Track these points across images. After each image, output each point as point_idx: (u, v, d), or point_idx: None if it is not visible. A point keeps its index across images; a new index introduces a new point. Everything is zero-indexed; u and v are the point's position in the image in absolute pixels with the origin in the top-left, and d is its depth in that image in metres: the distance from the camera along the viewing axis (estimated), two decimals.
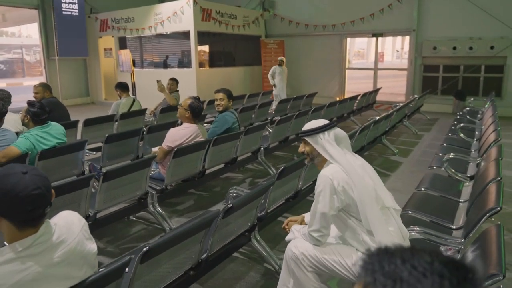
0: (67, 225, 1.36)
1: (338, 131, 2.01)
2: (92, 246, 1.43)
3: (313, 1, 11.69)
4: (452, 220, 2.72)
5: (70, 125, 4.61)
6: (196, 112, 3.56)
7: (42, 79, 11.87)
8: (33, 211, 1.23)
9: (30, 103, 3.27)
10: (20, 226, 1.24)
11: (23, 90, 13.13)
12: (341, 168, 1.90)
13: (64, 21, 11.07)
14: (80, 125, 4.95)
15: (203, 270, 2.30)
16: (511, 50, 9.27)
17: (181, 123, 4.39)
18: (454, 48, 9.78)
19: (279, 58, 9.79)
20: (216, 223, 2.08)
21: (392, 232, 1.85)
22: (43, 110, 3.30)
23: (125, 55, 8.59)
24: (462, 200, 3.08)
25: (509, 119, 8.34)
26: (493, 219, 2.10)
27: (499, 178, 2.47)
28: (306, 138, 2.02)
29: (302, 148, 2.08)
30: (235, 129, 4.07)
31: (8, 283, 1.18)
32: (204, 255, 2.17)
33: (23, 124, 3.43)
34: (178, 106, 3.69)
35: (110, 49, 11.89)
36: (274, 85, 9.58)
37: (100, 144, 5.07)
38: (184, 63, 10.69)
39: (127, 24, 11.11)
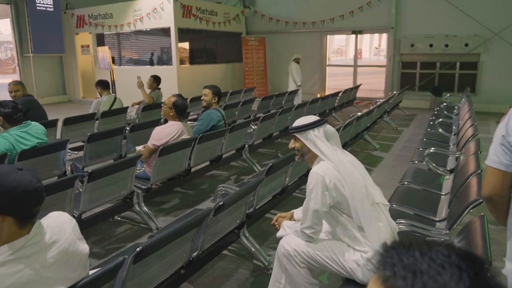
0: (59, 225, 1.34)
1: (328, 127, 2.03)
2: (84, 246, 1.41)
3: None
4: (435, 213, 2.80)
5: (49, 124, 4.47)
6: (181, 110, 3.53)
7: (16, 77, 11.50)
8: (38, 205, 1.24)
9: (1, 104, 3.16)
10: (23, 223, 1.22)
11: None
12: (332, 165, 1.92)
13: (38, 17, 10.73)
14: (59, 124, 4.82)
15: (194, 269, 2.29)
16: (484, 47, 9.58)
17: (165, 122, 4.36)
18: (431, 45, 10.03)
19: (295, 55, 9.78)
20: (207, 221, 2.08)
21: (382, 227, 1.89)
22: (15, 109, 3.19)
23: (104, 52, 8.40)
24: (443, 193, 3.18)
25: (483, 114, 8.62)
26: (472, 211, 2.18)
27: (479, 171, 2.56)
28: (297, 135, 2.03)
29: (292, 144, 2.09)
30: (220, 126, 4.06)
31: (2, 286, 1.15)
32: (195, 254, 2.17)
33: None
34: (162, 105, 3.65)
35: (88, 46, 11.61)
36: (300, 85, 9.57)
37: (81, 144, 4.97)
38: (164, 60, 10.56)
39: (105, 20, 10.86)
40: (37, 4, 10.70)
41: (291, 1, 11.79)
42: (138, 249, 1.60)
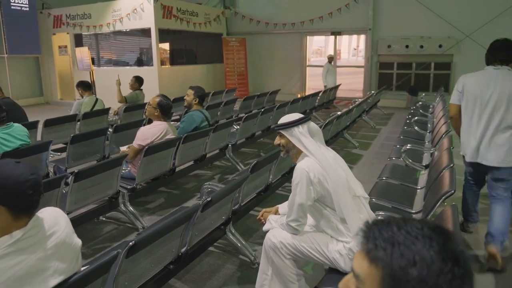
0: (54, 218, 1.39)
1: (312, 124, 2.13)
2: (77, 240, 1.46)
3: (273, 0, 11.88)
4: (411, 205, 2.95)
5: (29, 126, 4.39)
6: (165, 109, 3.58)
7: None
8: (32, 196, 1.27)
9: None
10: (18, 214, 1.26)
11: None
12: (316, 160, 2.02)
13: (13, 17, 10.48)
14: (40, 126, 4.77)
15: (183, 264, 2.35)
16: (457, 48, 9.96)
17: (148, 122, 4.39)
18: (407, 46, 10.35)
19: (328, 55, 10.09)
20: (195, 217, 2.15)
21: (363, 219, 2.00)
22: (1, 109, 3.19)
23: (83, 53, 8.30)
24: (419, 187, 3.34)
25: None
26: (445, 203, 2.32)
27: (451, 165, 2.71)
28: (282, 131, 2.12)
29: (277, 140, 2.18)
30: (204, 127, 4.12)
31: (2, 278, 1.19)
32: (184, 249, 2.23)
33: None
34: (146, 105, 3.68)
35: (65, 47, 11.42)
36: (325, 85, 9.81)
37: (62, 145, 4.93)
38: (145, 61, 10.49)
39: (83, 20, 10.72)
40: (11, 4, 10.45)
41: (271, 3, 11.93)
42: (130, 243, 1.66)
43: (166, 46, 10.87)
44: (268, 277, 2.18)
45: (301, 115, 2.13)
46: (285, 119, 2.12)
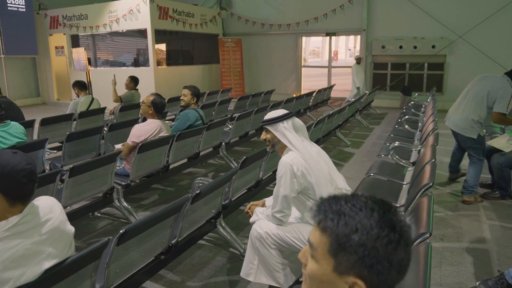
0: (49, 206, 1.48)
1: (296, 120, 2.24)
2: (70, 227, 1.55)
3: (269, 0, 11.99)
4: (396, 200, 3.06)
5: (25, 125, 4.47)
6: (159, 108, 3.67)
7: None
8: (27, 184, 1.36)
9: None
10: (13, 201, 1.35)
11: None
12: (299, 154, 2.12)
13: (9, 18, 10.54)
14: (36, 125, 4.86)
15: (173, 255, 2.45)
16: (450, 49, 10.10)
17: (143, 120, 4.48)
18: (401, 47, 10.48)
19: (356, 55, 10.07)
20: (185, 209, 2.24)
21: None
22: (0, 107, 3.29)
23: (79, 53, 8.38)
24: (405, 183, 3.45)
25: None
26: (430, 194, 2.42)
27: (433, 160, 2.82)
28: (268, 127, 2.22)
29: (264, 135, 2.28)
30: (198, 126, 4.21)
31: (0, 258, 1.28)
32: (174, 240, 2.32)
33: None
34: (140, 104, 3.77)
35: (62, 47, 11.49)
36: (358, 87, 9.71)
37: (58, 144, 5.02)
38: (141, 62, 10.58)
39: (80, 21, 10.79)
40: (8, 4, 10.52)
41: (266, 4, 12.04)
42: (121, 231, 1.75)
43: (162, 46, 10.96)
44: (254, 266, 2.28)
45: (285, 111, 2.23)
46: (271, 115, 2.22)
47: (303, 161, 2.12)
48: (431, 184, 2.32)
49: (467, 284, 2.54)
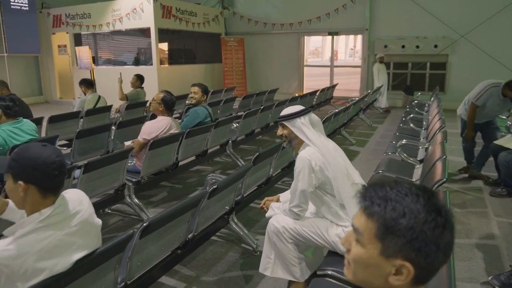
0: (78, 199, 1.50)
1: (313, 116, 2.26)
2: (98, 219, 1.58)
3: (271, 0, 12.01)
4: None
5: (35, 122, 4.53)
6: (169, 105, 3.69)
7: None
8: (58, 176, 1.39)
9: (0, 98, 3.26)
10: (45, 193, 1.38)
11: None
12: (317, 149, 2.15)
13: (12, 16, 10.53)
14: (44, 122, 4.88)
15: (189, 250, 2.47)
16: (452, 48, 10.13)
17: (151, 118, 4.51)
18: (403, 46, 10.51)
19: (379, 55, 9.87)
20: (202, 203, 2.27)
21: None
22: (14, 102, 3.31)
23: (84, 52, 8.40)
24: (414, 180, 3.48)
25: (452, 112, 9.08)
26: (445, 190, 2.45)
27: (444, 157, 2.85)
28: (285, 122, 2.24)
29: (280, 131, 2.29)
30: (207, 123, 4.24)
31: (33, 250, 1.30)
32: (191, 235, 2.35)
33: None
34: (151, 101, 3.80)
35: (65, 46, 11.50)
36: (380, 86, 9.54)
37: (65, 141, 5.05)
38: (144, 61, 10.59)
39: (83, 20, 10.80)
40: (11, 3, 10.51)
41: (269, 3, 12.06)
42: (144, 224, 1.78)
43: (165, 45, 10.98)
44: (271, 261, 2.30)
45: (302, 107, 2.26)
46: (288, 110, 2.25)
47: (321, 156, 2.14)
48: (444, 179, 2.35)
49: (479, 279, 2.58)
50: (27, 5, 10.84)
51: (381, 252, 0.79)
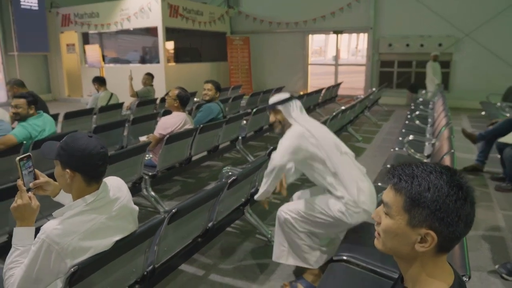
0: (117, 186, 1.63)
1: (299, 101, 2.46)
2: (134, 205, 1.70)
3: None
4: None
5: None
6: (184, 100, 3.82)
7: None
8: (101, 166, 1.50)
9: (23, 95, 3.39)
10: (89, 181, 1.49)
11: None
12: (306, 127, 2.33)
13: (23, 16, 10.70)
14: (60, 118, 5.02)
15: (208, 238, 2.60)
16: (456, 47, 10.21)
17: (163, 114, 4.64)
18: (407, 45, 10.60)
19: (433, 52, 9.59)
20: (223, 193, 2.39)
21: (353, 173, 2.30)
22: (35, 98, 3.46)
23: (93, 50, 8.53)
24: None
25: (455, 110, 9.21)
26: None
27: (452, 151, 2.96)
28: (279, 107, 2.40)
29: (273, 118, 2.45)
30: (219, 119, 4.36)
31: (80, 230, 1.43)
32: (210, 223, 2.47)
33: (17, 117, 3.44)
34: (165, 97, 3.92)
35: (73, 45, 11.64)
36: (438, 84, 9.19)
37: None
38: (150, 59, 10.72)
39: (91, 19, 10.94)
40: (21, 3, 10.67)
41: (274, 2, 12.16)
42: (173, 210, 1.90)
43: (171, 44, 11.11)
44: (285, 249, 2.42)
45: (288, 94, 2.46)
46: (278, 97, 2.43)
47: (308, 132, 2.32)
48: None
49: (486, 268, 2.69)
50: (36, 5, 10.99)
51: (408, 223, 0.91)
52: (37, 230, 1.46)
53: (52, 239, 1.38)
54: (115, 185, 1.61)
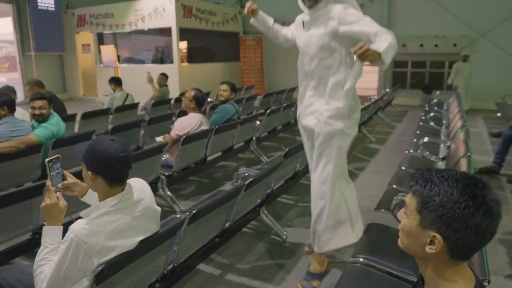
0: (141, 187, 1.68)
1: None
2: (157, 206, 1.75)
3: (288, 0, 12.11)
4: None
5: (69, 118, 4.80)
6: (200, 102, 3.87)
7: (16, 76, 11.70)
8: (121, 170, 1.54)
9: (44, 95, 3.48)
10: (111, 184, 1.54)
11: None
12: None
13: (40, 16, 10.92)
14: (77, 118, 5.12)
15: (225, 238, 2.64)
16: (472, 47, 10.08)
17: (178, 114, 4.70)
18: (421, 45, 10.50)
19: (464, 53, 9.25)
20: (241, 194, 2.43)
21: None
22: (51, 97, 3.56)
23: (108, 50, 8.67)
24: None
25: (470, 111, 9.09)
26: None
27: (468, 154, 2.94)
28: None
29: None
30: (234, 120, 4.40)
31: (106, 230, 1.48)
32: (228, 224, 2.52)
33: (40, 118, 3.51)
34: (182, 98, 3.98)
35: (88, 45, 11.83)
36: (454, 87, 8.92)
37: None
38: (164, 59, 10.82)
39: (106, 19, 11.10)
40: (38, 4, 10.88)
41: (286, 3, 12.13)
42: (193, 211, 1.94)
43: (184, 44, 11.19)
44: (330, 231, 2.39)
45: None
46: None
47: None
48: None
49: (503, 272, 2.68)
50: (53, 6, 11.20)
51: (419, 223, 0.96)
52: (66, 229, 1.52)
53: (80, 239, 1.44)
54: (138, 187, 1.66)
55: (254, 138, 5.17)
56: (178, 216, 3.50)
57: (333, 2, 2.27)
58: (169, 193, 3.66)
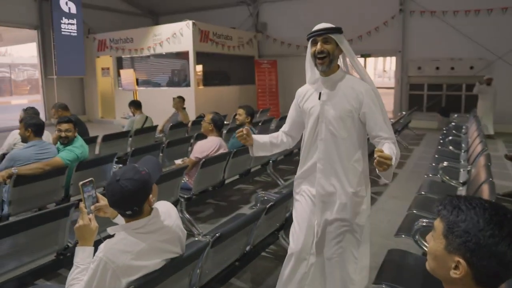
0: (168, 211, 1.72)
1: None
2: (183, 229, 1.78)
3: (303, 23, 12.32)
4: None
5: (90, 140, 4.94)
6: (219, 125, 3.94)
7: (37, 98, 12.10)
8: (132, 205, 1.56)
9: (69, 119, 3.61)
10: (128, 217, 1.59)
11: (11, 108, 13.18)
12: (366, 79, 2.01)
13: (63, 41, 11.36)
14: (98, 140, 5.26)
15: (245, 262, 2.64)
16: (489, 70, 10.02)
17: (196, 138, 4.77)
18: (437, 68, 10.50)
19: (487, 77, 9.06)
20: (261, 218, 2.44)
21: None
22: (75, 120, 3.69)
23: (128, 74, 8.93)
24: None
25: (490, 134, 8.96)
26: None
27: (490, 179, 2.91)
28: (332, 35, 1.88)
29: (321, 47, 1.91)
30: None
31: (134, 251, 1.52)
32: (248, 247, 2.52)
33: (66, 141, 3.62)
34: (201, 122, 4.06)
35: (108, 68, 12.20)
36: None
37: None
38: (179, 82, 11.07)
39: (125, 44, 11.48)
40: (62, 30, 11.35)
41: (301, 26, 12.35)
42: (217, 234, 1.96)
43: (200, 67, 11.43)
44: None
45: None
46: (328, 24, 1.91)
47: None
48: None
49: None
50: (76, 31, 11.66)
51: (445, 247, 0.98)
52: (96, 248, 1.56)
53: (108, 258, 1.48)
54: (165, 211, 1.71)
55: (270, 161, 5.20)
56: (196, 239, 3.52)
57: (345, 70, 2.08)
58: (187, 215, 3.69)
